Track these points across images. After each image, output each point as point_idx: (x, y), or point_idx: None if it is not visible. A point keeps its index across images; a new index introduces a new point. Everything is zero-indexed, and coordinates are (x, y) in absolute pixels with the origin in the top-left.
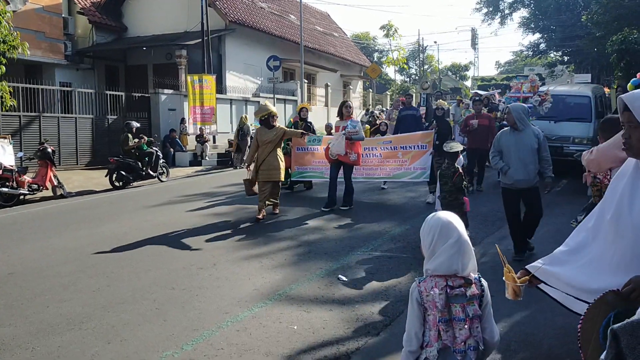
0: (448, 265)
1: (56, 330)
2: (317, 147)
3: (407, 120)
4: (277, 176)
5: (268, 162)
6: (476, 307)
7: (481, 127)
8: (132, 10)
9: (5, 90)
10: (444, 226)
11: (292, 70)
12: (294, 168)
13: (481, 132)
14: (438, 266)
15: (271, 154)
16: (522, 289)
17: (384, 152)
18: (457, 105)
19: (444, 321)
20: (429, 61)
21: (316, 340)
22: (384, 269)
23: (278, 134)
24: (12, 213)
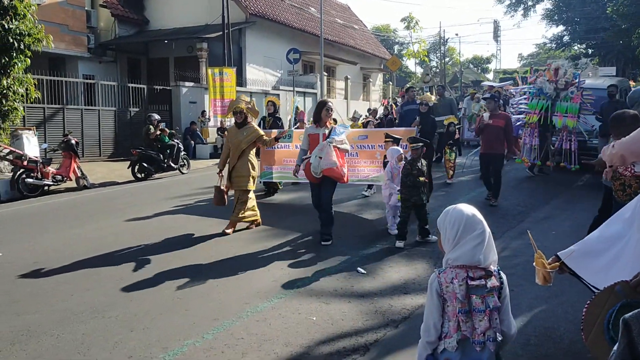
0: (471, 256)
1: (80, 318)
2: (288, 145)
3: (410, 115)
4: (244, 184)
5: (237, 168)
6: (496, 298)
7: (495, 129)
8: (154, 3)
9: (30, 82)
10: (469, 218)
11: (311, 63)
12: (262, 168)
13: (495, 134)
14: (460, 255)
15: (241, 158)
16: (552, 275)
17: (361, 152)
18: (471, 98)
19: (464, 312)
20: (450, 53)
21: (335, 331)
22: (403, 262)
23: (249, 136)
24: (37, 203)
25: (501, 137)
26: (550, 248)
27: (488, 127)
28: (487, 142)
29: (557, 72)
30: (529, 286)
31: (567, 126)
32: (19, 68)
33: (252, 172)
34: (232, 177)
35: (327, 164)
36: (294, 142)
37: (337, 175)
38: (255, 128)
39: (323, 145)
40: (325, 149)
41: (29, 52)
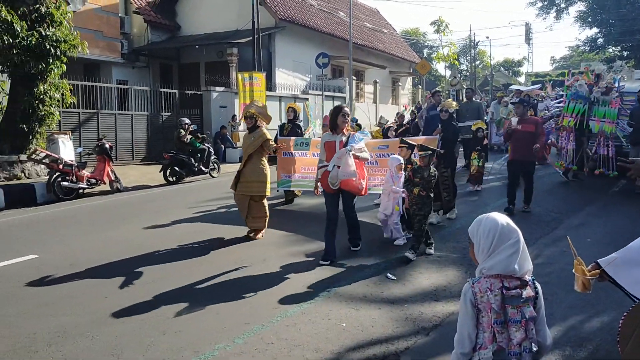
0: (506, 265)
1: (114, 320)
2: (305, 152)
3: (435, 120)
4: (257, 190)
5: (246, 172)
6: (532, 308)
7: (525, 135)
8: (186, 9)
9: (66, 87)
10: (504, 227)
11: (340, 67)
12: (280, 176)
13: (525, 140)
14: (495, 265)
15: (250, 163)
16: (592, 283)
17: (381, 160)
18: (498, 102)
19: (499, 323)
20: (480, 57)
21: (365, 338)
22: (433, 269)
23: (256, 141)
24: (72, 206)
25: (531, 143)
26: (585, 255)
27: (517, 132)
28: (517, 148)
29: (599, 77)
30: (563, 295)
31: (605, 131)
32: (55, 74)
33: (261, 177)
34: (240, 183)
35: (345, 174)
36: (311, 149)
37: (354, 189)
38: (263, 132)
39: (341, 153)
40: (343, 157)
41: (64, 58)
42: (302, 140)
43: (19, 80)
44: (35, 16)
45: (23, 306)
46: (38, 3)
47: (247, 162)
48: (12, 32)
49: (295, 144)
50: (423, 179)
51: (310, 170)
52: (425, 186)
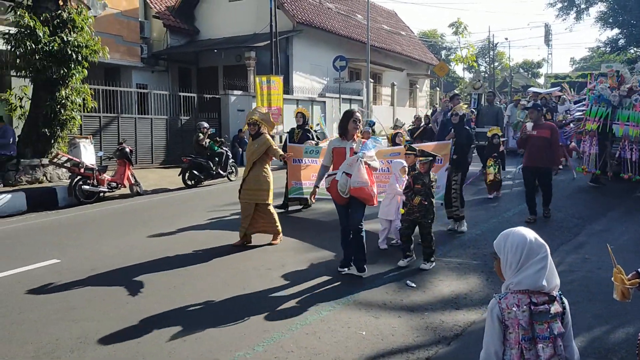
0: (534, 280)
1: (135, 326)
2: (316, 160)
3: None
4: (261, 198)
5: (249, 179)
6: (560, 324)
7: (540, 141)
8: (204, 13)
9: (87, 92)
10: (532, 243)
11: (357, 70)
12: (291, 183)
13: (540, 146)
14: (523, 280)
15: (254, 169)
16: (631, 292)
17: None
18: (515, 105)
19: (527, 339)
20: (499, 58)
21: (385, 347)
22: (454, 276)
23: (260, 148)
24: (93, 210)
25: (546, 149)
26: (609, 262)
27: (531, 138)
28: (531, 154)
29: (622, 79)
30: (587, 304)
31: (629, 135)
32: (77, 79)
33: (263, 186)
34: (244, 190)
35: (357, 182)
36: (321, 157)
37: (367, 197)
38: (267, 139)
39: (352, 160)
40: (354, 165)
41: (86, 64)
42: (312, 148)
43: (42, 85)
44: (57, 22)
45: (46, 311)
46: (60, 9)
47: (251, 169)
48: (34, 38)
49: (305, 151)
50: (424, 185)
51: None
52: (427, 193)
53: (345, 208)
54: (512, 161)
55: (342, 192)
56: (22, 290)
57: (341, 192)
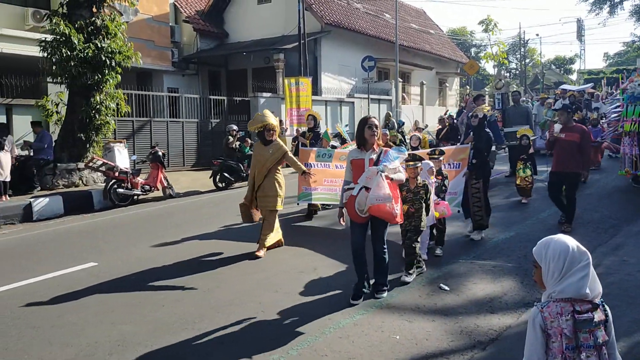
0: (578, 288)
1: (171, 329)
2: (328, 164)
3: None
4: (273, 203)
5: (265, 186)
6: (604, 332)
7: (569, 144)
8: (233, 16)
9: (121, 97)
10: (574, 251)
11: (386, 70)
12: (301, 189)
13: (568, 150)
14: (566, 288)
15: (267, 177)
16: None
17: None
18: (541, 104)
19: (571, 348)
20: (530, 55)
21: (419, 351)
22: (488, 279)
23: (275, 154)
24: (128, 213)
25: (575, 153)
26: None
27: (559, 141)
28: (559, 158)
29: None
30: (626, 308)
31: None
32: (111, 84)
33: (279, 191)
34: (258, 197)
35: (377, 197)
36: (334, 161)
37: (388, 215)
38: (281, 145)
39: (371, 172)
40: (374, 178)
41: (119, 69)
42: (324, 151)
43: (77, 91)
44: (92, 29)
45: (85, 314)
46: (94, 16)
47: (267, 175)
48: (70, 45)
49: (317, 155)
50: (409, 192)
51: (334, 182)
52: (414, 199)
53: (362, 226)
54: (540, 161)
55: (359, 210)
56: (61, 293)
57: (359, 211)
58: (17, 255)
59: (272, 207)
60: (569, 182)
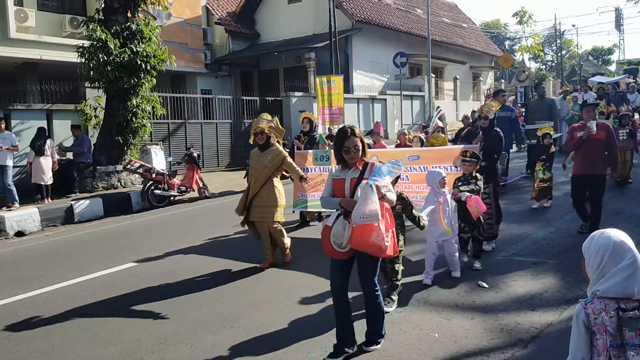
0: (623, 288)
1: (210, 328)
2: (327, 167)
3: (500, 124)
4: (272, 214)
5: (261, 196)
6: None
7: (595, 143)
8: (264, 17)
9: (156, 100)
10: (616, 245)
11: (418, 66)
12: (297, 195)
13: (595, 150)
14: (610, 288)
15: (265, 185)
16: None
17: (412, 175)
18: (563, 98)
19: (615, 346)
20: (566, 46)
21: (459, 350)
22: (528, 276)
23: (274, 160)
24: (165, 213)
25: (601, 153)
26: None
27: (584, 141)
28: (585, 159)
29: None
30: None
31: None
32: (146, 87)
33: (279, 201)
34: (254, 207)
35: (363, 215)
36: (333, 163)
37: (374, 249)
38: (280, 150)
39: (364, 189)
40: (362, 191)
41: (154, 73)
42: (321, 153)
43: (114, 95)
44: (127, 33)
45: (127, 313)
46: (129, 21)
47: (265, 183)
48: (106, 50)
49: (314, 157)
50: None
51: None
52: (396, 216)
53: (344, 263)
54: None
55: (336, 244)
56: (104, 292)
57: (335, 245)
58: (61, 256)
59: (271, 218)
60: (595, 186)
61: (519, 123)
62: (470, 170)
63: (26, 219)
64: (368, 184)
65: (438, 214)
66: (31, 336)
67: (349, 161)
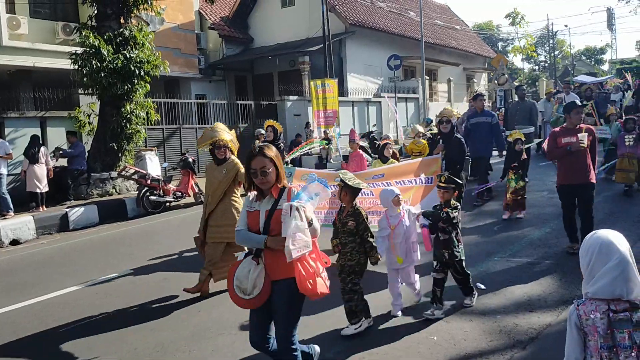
0: (611, 290)
1: (208, 335)
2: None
3: (479, 130)
4: (227, 236)
5: (218, 213)
6: None
7: (580, 150)
8: (258, 21)
9: (150, 106)
10: (603, 246)
11: (412, 68)
12: None
13: (580, 157)
14: (598, 290)
15: (222, 202)
16: None
17: (376, 190)
18: (547, 100)
19: (607, 348)
20: (559, 46)
21: (458, 352)
22: (525, 277)
23: (230, 173)
24: (161, 220)
25: (588, 161)
26: None
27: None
28: (570, 168)
29: None
30: None
31: None
32: (140, 93)
33: (237, 219)
34: (209, 227)
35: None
36: (294, 181)
37: (303, 286)
38: (235, 162)
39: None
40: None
41: (148, 78)
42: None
43: (108, 102)
44: (120, 40)
45: (124, 321)
46: (122, 27)
47: (221, 200)
48: (99, 57)
49: None
50: (340, 221)
51: None
52: (342, 231)
53: (261, 312)
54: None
55: (239, 289)
56: (100, 300)
57: (238, 290)
58: (56, 264)
59: (227, 239)
60: (583, 195)
61: (500, 128)
62: (447, 198)
63: (21, 227)
64: (290, 205)
65: (389, 241)
66: (27, 345)
67: (260, 186)
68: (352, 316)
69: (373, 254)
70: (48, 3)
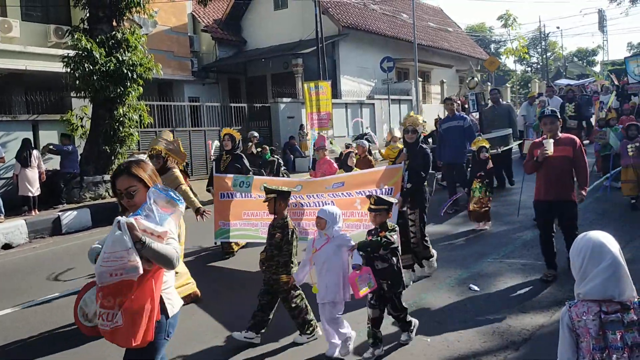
0: (602, 291)
1: (202, 338)
2: (249, 194)
3: (451, 134)
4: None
5: None
6: (636, 334)
7: (559, 162)
8: (251, 24)
9: (143, 109)
10: (595, 247)
11: (405, 70)
12: (218, 224)
13: (560, 170)
14: (590, 291)
15: None
16: None
17: (337, 201)
18: (529, 103)
19: (599, 349)
20: (551, 48)
21: (451, 354)
22: (518, 278)
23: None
24: None
25: (568, 174)
26: None
27: (547, 159)
28: (546, 182)
29: None
30: None
31: None
32: (133, 96)
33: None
34: None
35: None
36: (253, 191)
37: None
38: (176, 176)
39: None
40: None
41: (141, 81)
42: (242, 179)
43: (100, 105)
44: (112, 42)
45: None
46: (114, 30)
47: None
48: (92, 59)
49: (234, 183)
50: (270, 236)
51: (254, 215)
52: (269, 243)
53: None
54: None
55: (82, 311)
56: None
57: (80, 315)
58: (49, 268)
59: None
60: (563, 215)
61: (473, 132)
62: (380, 220)
63: (13, 231)
64: (117, 223)
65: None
66: (19, 350)
67: (128, 208)
68: (303, 327)
69: (285, 272)
70: (40, 6)
